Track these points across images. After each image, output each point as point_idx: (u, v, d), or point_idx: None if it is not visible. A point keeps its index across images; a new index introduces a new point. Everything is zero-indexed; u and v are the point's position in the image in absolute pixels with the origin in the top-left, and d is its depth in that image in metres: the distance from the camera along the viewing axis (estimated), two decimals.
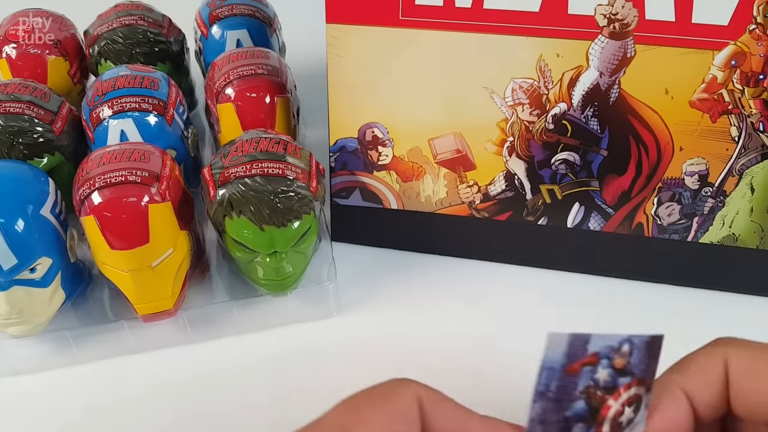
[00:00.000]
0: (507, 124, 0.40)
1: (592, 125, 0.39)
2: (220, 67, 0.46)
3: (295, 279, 0.40)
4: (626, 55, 0.37)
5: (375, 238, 0.47)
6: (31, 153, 0.42)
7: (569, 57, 0.38)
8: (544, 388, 0.21)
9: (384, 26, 0.38)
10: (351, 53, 0.40)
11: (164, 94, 0.44)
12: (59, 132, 0.43)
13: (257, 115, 0.44)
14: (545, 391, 0.21)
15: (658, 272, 0.44)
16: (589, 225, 0.43)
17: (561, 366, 0.20)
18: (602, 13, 0.36)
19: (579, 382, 0.20)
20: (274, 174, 0.37)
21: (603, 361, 0.20)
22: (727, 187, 0.40)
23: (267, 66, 0.45)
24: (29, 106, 0.42)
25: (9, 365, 0.39)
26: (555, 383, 0.20)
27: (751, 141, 0.38)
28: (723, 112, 0.38)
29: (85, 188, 0.36)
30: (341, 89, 0.41)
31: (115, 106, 0.42)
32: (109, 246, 0.36)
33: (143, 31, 0.50)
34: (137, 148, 0.38)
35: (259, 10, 0.53)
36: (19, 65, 0.49)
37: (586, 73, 0.38)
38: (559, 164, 0.41)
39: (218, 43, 0.51)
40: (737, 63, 0.36)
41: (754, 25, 0.35)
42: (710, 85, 0.37)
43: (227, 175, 0.37)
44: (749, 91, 0.37)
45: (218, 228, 0.38)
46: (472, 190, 0.43)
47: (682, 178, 0.40)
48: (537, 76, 0.39)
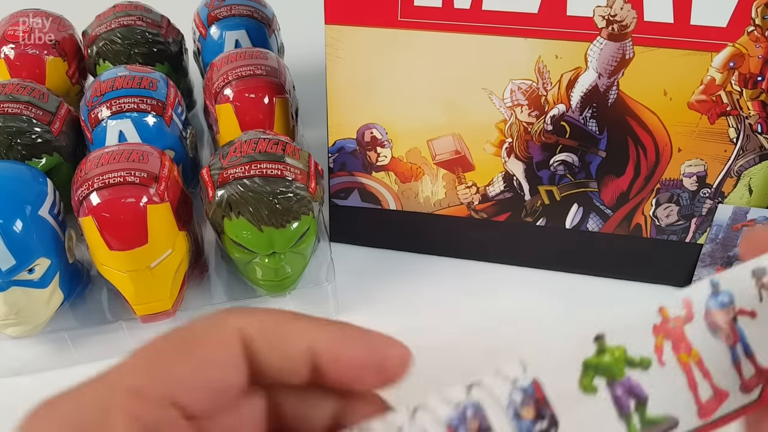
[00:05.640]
0: (506, 125, 0.40)
1: (590, 126, 0.39)
2: (219, 68, 0.46)
3: (293, 280, 0.40)
4: (625, 57, 0.37)
5: (374, 239, 0.47)
6: (29, 153, 0.42)
7: (568, 58, 0.38)
8: (714, 236, 0.40)
9: (383, 27, 0.38)
10: (350, 54, 0.40)
11: (163, 95, 0.43)
12: (57, 132, 0.43)
13: (256, 115, 0.44)
14: (714, 238, 0.40)
15: (657, 273, 0.44)
16: (588, 226, 0.43)
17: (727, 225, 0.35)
18: (601, 15, 0.36)
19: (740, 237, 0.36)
20: (272, 175, 0.37)
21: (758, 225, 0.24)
22: (725, 189, 0.40)
23: (266, 67, 0.45)
24: (27, 106, 0.42)
25: (7, 366, 0.39)
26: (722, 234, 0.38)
27: (749, 142, 0.38)
28: (721, 114, 0.38)
29: (84, 189, 0.36)
30: (340, 90, 0.41)
31: (113, 106, 0.42)
32: (107, 246, 0.36)
33: (142, 31, 0.50)
34: (136, 149, 0.38)
35: (257, 11, 0.53)
36: (18, 66, 0.49)
37: (585, 74, 0.38)
38: (558, 165, 0.41)
39: (217, 43, 0.51)
40: (736, 65, 0.36)
41: (753, 26, 0.35)
42: (709, 87, 0.37)
43: (226, 176, 0.37)
44: (747, 92, 0.37)
45: (217, 229, 0.38)
46: (470, 191, 0.43)
47: (680, 179, 0.40)
48: (536, 77, 0.39)
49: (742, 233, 0.40)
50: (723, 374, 0.20)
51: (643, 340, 0.20)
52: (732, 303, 0.20)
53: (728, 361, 0.20)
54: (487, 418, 0.20)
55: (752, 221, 0.40)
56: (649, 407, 0.20)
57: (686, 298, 0.20)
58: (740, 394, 0.20)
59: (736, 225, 0.41)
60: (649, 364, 0.20)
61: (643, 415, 0.20)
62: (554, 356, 0.20)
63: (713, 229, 0.41)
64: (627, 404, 0.20)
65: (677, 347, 0.20)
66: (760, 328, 0.20)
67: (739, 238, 0.41)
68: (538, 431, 0.20)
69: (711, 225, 0.41)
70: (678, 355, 0.20)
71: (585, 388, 0.20)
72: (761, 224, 0.38)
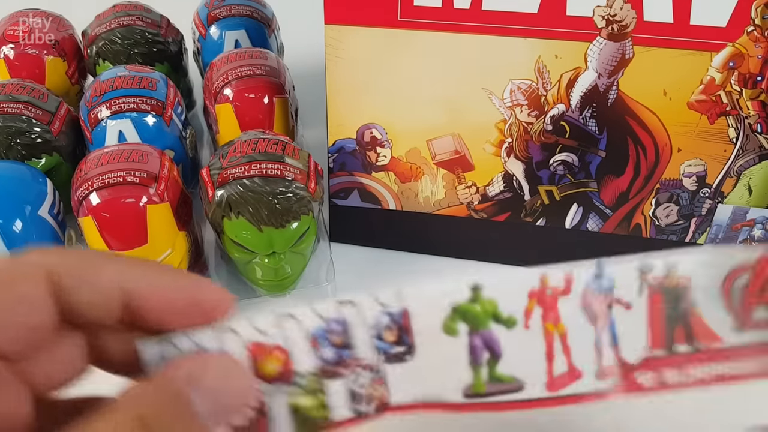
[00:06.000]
0: (505, 125, 0.40)
1: (590, 126, 0.39)
2: (219, 68, 0.46)
3: (293, 280, 0.40)
4: (625, 57, 0.37)
5: (373, 239, 0.47)
6: (29, 153, 0.42)
7: (568, 58, 0.38)
8: (714, 236, 0.40)
9: (383, 27, 0.38)
10: (350, 54, 0.40)
11: (162, 95, 0.43)
12: (57, 132, 0.43)
13: (255, 115, 0.44)
14: (714, 238, 0.41)
15: None
16: (588, 226, 0.43)
17: (726, 225, 0.33)
18: (601, 15, 0.36)
19: (739, 236, 0.37)
20: (272, 175, 0.37)
21: (758, 225, 0.29)
22: (725, 189, 0.40)
23: (265, 66, 0.45)
24: (27, 106, 0.42)
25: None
26: (721, 234, 0.38)
27: (749, 142, 0.38)
28: (721, 114, 0.38)
29: (84, 189, 0.36)
30: (340, 90, 0.41)
31: (113, 106, 0.42)
32: (107, 247, 0.36)
33: (141, 31, 0.50)
34: (135, 149, 0.38)
35: (257, 11, 0.53)
36: (17, 65, 0.49)
37: (585, 74, 0.38)
38: (558, 165, 0.41)
39: (216, 43, 0.51)
40: (735, 64, 0.36)
41: (752, 26, 0.35)
42: (708, 87, 0.37)
43: (226, 176, 0.37)
44: (747, 92, 0.37)
45: (217, 229, 0.38)
46: (470, 191, 0.43)
47: (680, 179, 0.40)
48: (535, 77, 0.39)
49: None
50: (583, 355, 0.20)
51: (517, 300, 0.20)
52: (612, 290, 0.20)
53: (591, 344, 0.20)
54: (351, 335, 0.20)
55: (752, 221, 0.40)
56: (500, 365, 0.20)
57: (569, 273, 0.20)
58: (594, 379, 0.20)
59: (735, 225, 0.41)
60: (515, 324, 0.20)
61: (492, 370, 0.20)
62: (429, 293, 0.20)
63: (713, 229, 0.41)
64: (481, 355, 0.20)
65: (546, 316, 0.20)
66: (632, 321, 0.20)
67: (739, 238, 0.41)
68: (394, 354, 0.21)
69: (711, 225, 0.41)
70: (545, 323, 0.20)
71: (447, 329, 0.20)
72: None
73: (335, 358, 0.20)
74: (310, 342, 0.20)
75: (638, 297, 0.20)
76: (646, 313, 0.20)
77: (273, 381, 0.20)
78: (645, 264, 0.20)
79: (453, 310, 0.20)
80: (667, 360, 0.20)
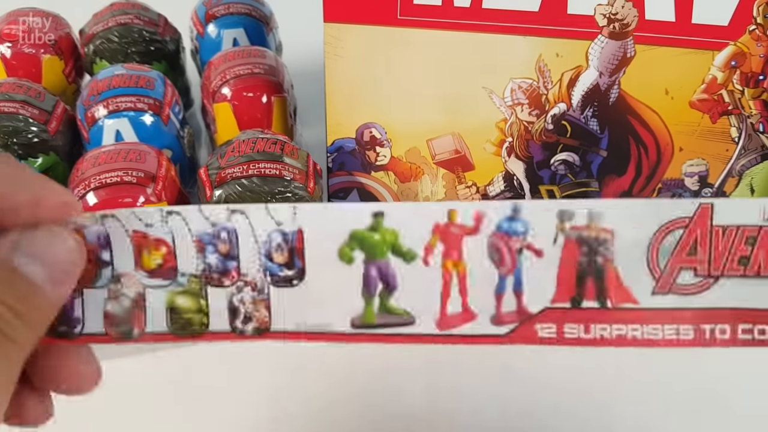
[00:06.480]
0: (506, 124, 0.40)
1: (591, 125, 0.39)
2: (217, 67, 0.46)
3: None
4: (626, 55, 0.37)
5: None
6: (25, 153, 0.41)
7: (569, 57, 0.37)
8: None
9: (382, 26, 0.38)
10: (349, 53, 0.39)
11: (160, 94, 0.43)
12: (54, 132, 0.43)
13: (254, 114, 0.44)
14: None
15: None
16: None
17: None
18: (602, 13, 0.36)
19: None
20: (271, 174, 0.37)
21: None
22: (727, 188, 0.40)
23: (264, 65, 0.45)
24: (23, 105, 0.42)
25: None
26: None
27: (750, 142, 0.38)
28: (723, 113, 0.38)
29: (81, 189, 0.36)
30: (339, 89, 0.41)
31: (110, 105, 0.42)
32: None
33: (139, 30, 0.50)
34: (133, 149, 0.38)
35: (255, 9, 0.52)
36: (14, 64, 0.49)
37: (586, 73, 0.38)
38: (559, 165, 0.41)
39: (214, 42, 0.51)
40: (737, 63, 0.36)
41: (754, 25, 0.35)
42: (710, 86, 0.37)
43: (224, 176, 0.37)
44: (749, 91, 0.37)
45: None
46: (470, 190, 0.43)
47: (681, 179, 0.40)
48: (536, 76, 0.38)
49: None
50: (480, 298, 0.20)
51: (420, 233, 0.20)
52: (525, 234, 0.20)
53: (492, 288, 0.20)
54: (238, 246, 0.20)
55: None
56: (393, 297, 0.20)
57: (479, 211, 0.20)
58: (489, 324, 0.20)
59: None
60: (414, 258, 0.20)
61: (385, 302, 0.20)
62: (328, 215, 0.20)
63: None
64: (374, 285, 0.20)
65: (448, 253, 0.20)
66: (541, 269, 0.20)
67: None
68: (283, 276, 0.20)
69: None
70: (445, 261, 0.20)
71: (342, 255, 0.20)
72: None
73: (219, 266, 0.20)
74: (196, 244, 0.20)
75: (552, 245, 0.20)
76: (558, 262, 0.20)
77: (153, 275, 0.20)
78: (565, 211, 0.19)
79: (351, 236, 0.20)
80: (571, 314, 0.20)
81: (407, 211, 0.20)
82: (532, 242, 0.20)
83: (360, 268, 0.20)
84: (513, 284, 0.20)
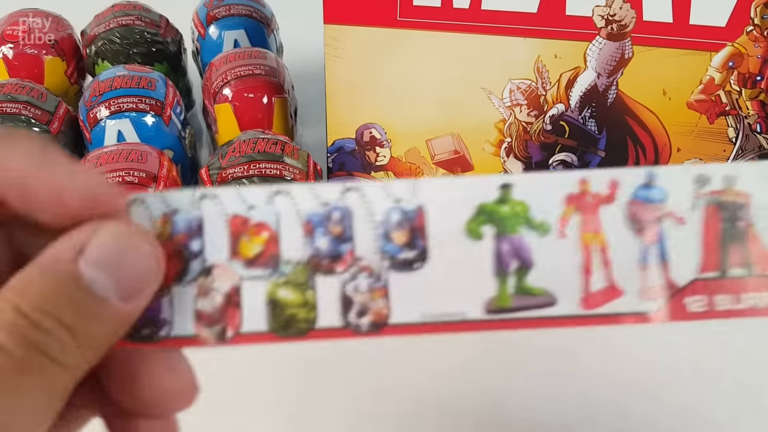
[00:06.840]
0: (505, 125, 0.40)
1: (589, 126, 0.39)
2: (218, 68, 0.46)
3: None
4: (624, 56, 0.37)
5: None
6: None
7: (567, 58, 0.38)
8: None
9: (382, 27, 0.38)
10: (349, 54, 0.40)
11: (161, 95, 0.43)
12: (56, 132, 0.43)
13: (255, 115, 0.44)
14: None
15: None
16: None
17: None
18: (600, 15, 0.36)
19: None
20: (271, 175, 0.37)
21: None
22: None
23: (264, 66, 0.45)
24: (26, 106, 0.42)
25: None
26: None
27: (748, 142, 0.38)
28: (720, 114, 0.38)
29: None
30: (339, 90, 0.41)
31: (112, 106, 0.42)
32: None
33: (140, 31, 0.50)
34: (134, 149, 0.38)
35: (256, 11, 0.53)
36: (16, 65, 0.49)
37: (584, 74, 0.38)
38: (557, 165, 0.41)
39: (215, 43, 0.51)
40: (735, 64, 0.36)
41: (752, 26, 0.35)
42: (708, 87, 0.37)
43: (225, 176, 0.37)
44: (746, 92, 0.37)
45: None
46: None
47: None
48: (535, 77, 0.39)
49: None
50: (625, 271, 0.18)
51: (552, 205, 0.18)
52: (664, 201, 0.18)
53: (636, 260, 0.18)
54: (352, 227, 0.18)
55: None
56: (530, 275, 0.18)
57: (614, 179, 0.18)
58: (636, 299, 0.18)
59: None
60: (548, 231, 0.18)
61: (521, 281, 0.18)
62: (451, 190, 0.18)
63: None
64: (508, 263, 0.18)
65: (585, 225, 0.18)
66: (685, 237, 0.18)
67: None
68: (403, 259, 0.18)
69: None
70: (583, 233, 0.18)
71: (470, 231, 0.18)
72: None
73: (331, 250, 0.18)
74: (304, 227, 0.18)
75: (691, 211, 0.18)
76: (701, 230, 0.18)
77: (252, 264, 0.18)
78: (701, 175, 0.18)
79: (479, 209, 0.18)
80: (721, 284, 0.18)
81: (537, 182, 0.18)
82: (673, 210, 0.18)
83: (491, 243, 0.18)
84: (658, 255, 0.18)
